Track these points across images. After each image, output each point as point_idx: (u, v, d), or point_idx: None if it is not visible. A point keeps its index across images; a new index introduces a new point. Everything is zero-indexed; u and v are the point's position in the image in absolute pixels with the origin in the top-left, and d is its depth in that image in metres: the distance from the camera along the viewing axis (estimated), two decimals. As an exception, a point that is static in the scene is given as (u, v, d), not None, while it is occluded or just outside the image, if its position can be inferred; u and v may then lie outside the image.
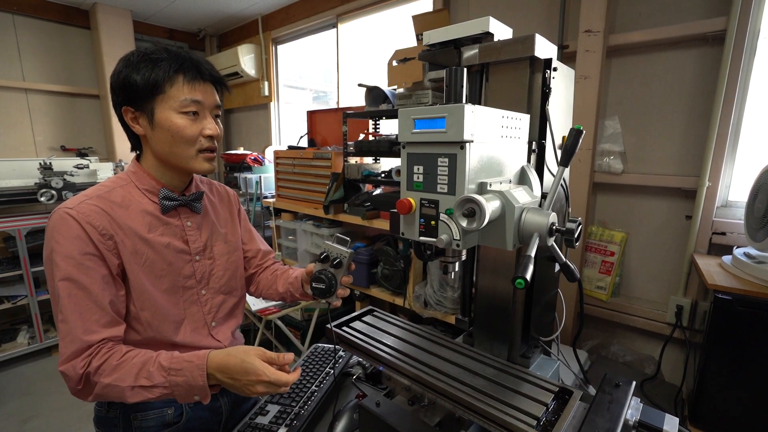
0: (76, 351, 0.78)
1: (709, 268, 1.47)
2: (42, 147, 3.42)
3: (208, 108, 0.92)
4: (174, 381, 0.78)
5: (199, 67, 0.89)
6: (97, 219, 0.84)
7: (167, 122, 0.87)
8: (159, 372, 0.79)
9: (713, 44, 1.60)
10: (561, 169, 0.76)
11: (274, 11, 3.48)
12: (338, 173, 2.32)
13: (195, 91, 0.88)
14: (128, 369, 0.79)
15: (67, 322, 0.79)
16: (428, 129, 0.69)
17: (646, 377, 1.76)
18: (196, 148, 0.91)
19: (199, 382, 0.78)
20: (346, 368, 1.21)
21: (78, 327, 0.79)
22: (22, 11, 3.17)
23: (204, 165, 0.94)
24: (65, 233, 0.81)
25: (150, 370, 0.79)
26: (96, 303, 0.81)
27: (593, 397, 0.80)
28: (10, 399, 2.54)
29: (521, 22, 2.07)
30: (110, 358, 0.80)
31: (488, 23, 0.90)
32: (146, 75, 0.85)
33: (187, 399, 0.81)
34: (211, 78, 0.93)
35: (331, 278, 0.89)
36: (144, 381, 0.78)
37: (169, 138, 0.88)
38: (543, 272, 1.01)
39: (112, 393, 0.79)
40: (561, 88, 0.95)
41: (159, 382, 0.78)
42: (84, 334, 0.79)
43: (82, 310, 0.80)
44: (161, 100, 0.87)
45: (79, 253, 0.81)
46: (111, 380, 0.78)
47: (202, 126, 0.91)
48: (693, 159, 1.69)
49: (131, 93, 0.87)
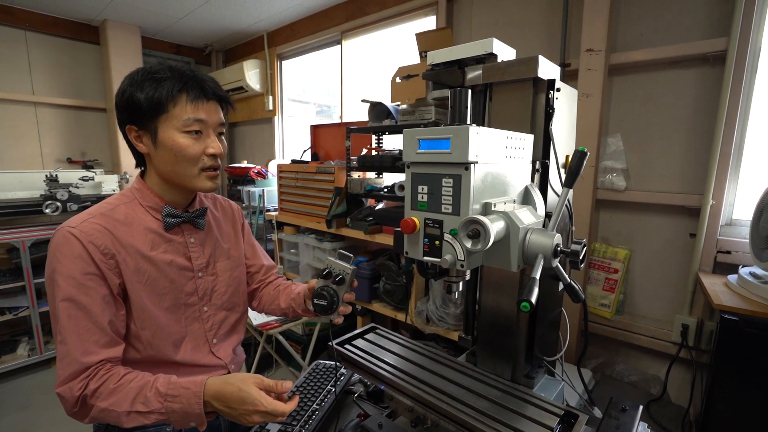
0: (73, 373, 0.78)
1: (714, 287, 1.46)
2: (48, 159, 3.45)
3: (211, 126, 0.91)
4: (170, 407, 0.77)
5: (202, 85, 0.89)
6: (100, 238, 0.84)
7: (170, 141, 0.87)
8: (156, 398, 0.78)
9: (714, 64, 1.61)
10: (565, 191, 0.76)
11: (279, 28, 3.54)
12: (341, 187, 2.33)
13: (198, 110, 0.88)
14: (125, 393, 0.78)
15: (65, 343, 0.79)
16: (433, 150, 0.70)
17: (652, 398, 1.73)
18: (199, 167, 0.91)
19: (196, 410, 0.77)
20: (348, 386, 1.19)
21: (76, 348, 0.79)
22: (34, 27, 3.24)
23: (207, 183, 0.93)
24: (67, 253, 0.81)
25: (147, 396, 0.78)
26: (95, 323, 0.81)
27: (600, 421, 0.78)
28: (8, 412, 2.51)
29: (523, 41, 2.11)
30: (107, 381, 0.79)
31: (492, 44, 0.92)
32: (150, 94, 0.85)
33: (183, 425, 0.80)
34: (215, 96, 0.92)
35: (333, 295, 0.89)
36: (140, 406, 0.77)
37: (172, 157, 0.88)
38: (547, 291, 1.00)
39: (108, 417, 0.79)
40: (564, 108, 0.96)
41: (155, 408, 0.77)
42: (82, 355, 0.79)
43: (81, 331, 0.80)
44: (164, 119, 0.87)
45: (81, 273, 0.81)
46: (107, 404, 0.77)
47: (205, 145, 0.90)
48: (696, 177, 1.69)
49: (135, 112, 0.87)
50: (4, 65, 3.16)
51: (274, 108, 3.73)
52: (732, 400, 1.29)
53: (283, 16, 3.28)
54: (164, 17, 3.32)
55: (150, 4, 3.04)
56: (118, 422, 0.78)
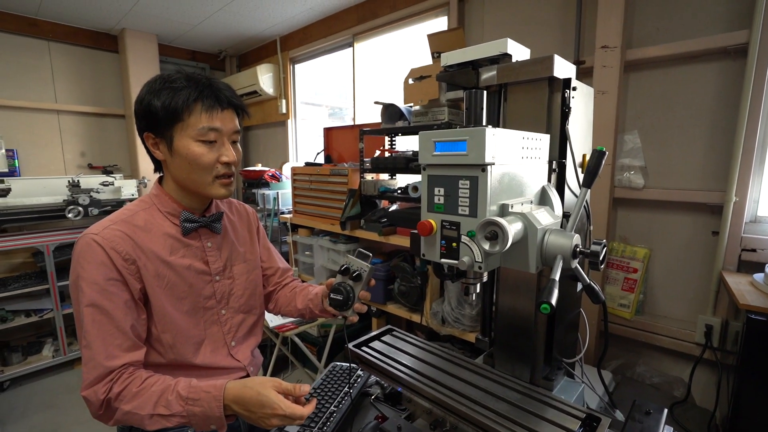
0: (98, 377, 0.80)
1: (739, 286, 1.42)
2: (71, 165, 3.56)
3: (226, 134, 0.92)
4: (191, 411, 0.79)
5: (218, 95, 0.90)
6: (121, 244, 0.86)
7: (185, 150, 0.89)
8: (177, 401, 0.80)
9: (735, 57, 1.57)
10: (584, 191, 0.75)
11: (292, 32, 3.58)
12: (355, 189, 2.34)
13: (213, 119, 0.89)
14: (147, 397, 0.80)
15: (90, 347, 0.82)
16: (449, 152, 0.70)
17: (675, 401, 1.69)
18: (213, 175, 0.92)
19: (216, 413, 0.79)
20: (365, 388, 1.20)
21: (100, 353, 0.81)
22: (57, 38, 3.34)
23: (220, 191, 0.95)
24: (90, 259, 0.84)
25: (168, 399, 0.80)
26: (118, 328, 0.84)
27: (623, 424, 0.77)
28: (35, 412, 2.60)
29: (536, 38, 2.08)
30: (130, 385, 0.81)
31: (506, 45, 0.91)
32: (166, 103, 0.87)
33: (204, 428, 0.82)
34: (231, 105, 0.93)
35: (350, 291, 0.90)
36: (162, 410, 0.79)
37: (187, 165, 0.90)
38: (565, 291, 0.99)
39: (131, 420, 0.81)
40: (580, 106, 0.95)
41: (177, 411, 0.79)
42: (106, 359, 0.81)
43: (105, 335, 0.82)
44: (180, 128, 0.88)
45: (104, 278, 0.83)
46: (131, 408, 0.80)
47: (219, 153, 0.91)
48: (718, 173, 1.65)
49: (152, 120, 0.89)
50: (29, 75, 3.28)
51: (287, 111, 3.77)
52: (761, 402, 1.26)
53: (295, 20, 3.31)
54: (180, 24, 3.39)
55: (166, 12, 3.11)
56: (141, 425, 0.80)
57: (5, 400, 2.72)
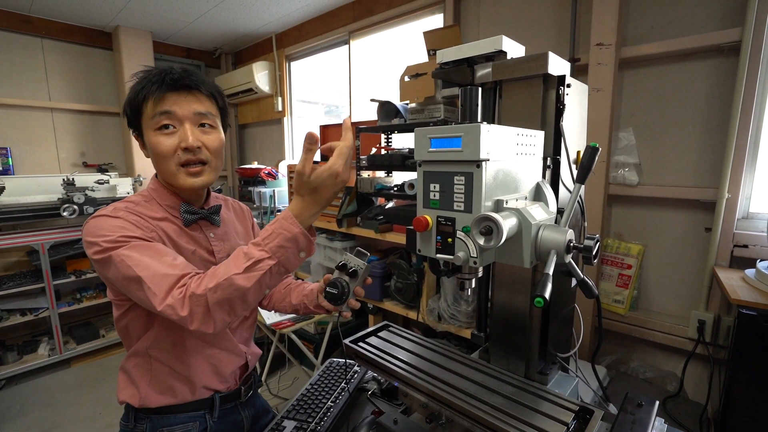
0: (170, 284, 0.74)
1: (731, 282, 1.44)
2: (65, 163, 3.54)
3: (186, 118, 0.87)
4: (272, 246, 0.74)
5: (163, 77, 0.85)
6: (133, 217, 0.86)
7: (149, 142, 0.88)
8: (254, 249, 0.74)
9: (728, 55, 1.59)
10: (578, 187, 0.76)
11: (287, 29, 3.57)
12: (351, 187, 2.34)
13: (162, 102, 0.85)
14: (224, 266, 0.74)
15: (150, 269, 0.75)
16: (444, 148, 0.70)
17: (668, 395, 1.71)
18: (175, 163, 0.88)
19: (295, 229, 0.75)
20: (361, 384, 1.21)
21: (162, 267, 0.76)
22: (50, 35, 3.32)
23: (186, 180, 0.89)
24: (109, 227, 0.80)
25: (245, 252, 0.74)
26: (169, 253, 0.81)
27: (615, 416, 0.78)
28: (31, 410, 2.59)
29: (531, 36, 2.09)
30: (205, 275, 0.76)
31: (501, 42, 0.92)
32: (131, 98, 0.88)
33: (296, 261, 0.77)
34: (184, 86, 0.86)
35: (345, 286, 0.91)
36: (247, 263, 0.72)
37: (154, 157, 0.89)
38: (559, 287, 1.00)
39: (226, 293, 0.72)
40: (575, 103, 0.95)
41: (260, 255, 0.73)
42: (171, 269, 0.76)
43: (161, 256, 0.78)
44: (144, 121, 0.88)
45: (130, 235, 0.80)
46: (216, 280, 0.72)
47: (179, 139, 0.87)
48: (711, 170, 1.67)
49: (129, 119, 0.91)
50: (22, 73, 3.25)
51: (283, 109, 3.76)
52: (752, 396, 1.28)
53: (291, 17, 3.30)
54: (175, 21, 3.37)
55: (161, 9, 3.09)
56: (238, 290, 0.72)
57: (1, 399, 2.71)
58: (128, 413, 0.97)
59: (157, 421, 0.95)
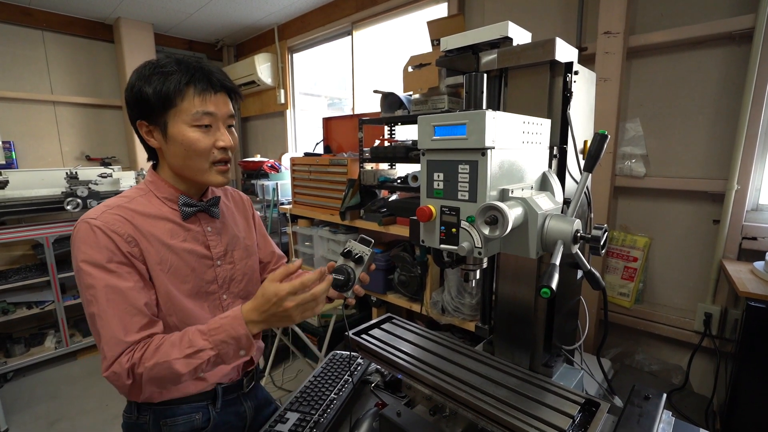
0: (120, 352, 0.78)
1: (739, 274, 1.42)
2: (68, 157, 3.54)
3: (221, 119, 0.91)
4: (216, 340, 0.78)
5: (209, 77, 0.88)
6: (121, 227, 0.85)
7: (180, 136, 0.87)
8: (199, 337, 0.79)
9: (740, 42, 1.55)
10: (585, 175, 0.74)
11: (290, 20, 3.53)
12: (354, 179, 2.33)
13: (207, 102, 0.87)
14: (168, 345, 0.79)
15: (107, 327, 0.79)
16: (448, 136, 0.69)
17: (673, 388, 1.70)
18: (210, 161, 0.91)
19: (241, 331, 0.78)
20: (365, 376, 1.20)
21: (119, 330, 0.79)
22: (51, 27, 3.30)
23: (218, 178, 0.94)
24: (92, 243, 0.82)
25: (190, 338, 0.79)
26: (133, 305, 0.82)
27: (622, 409, 0.77)
28: (38, 402, 2.62)
29: (538, 25, 2.05)
30: (150, 346, 0.80)
31: (507, 28, 0.89)
32: (158, 88, 0.85)
33: (234, 357, 0.81)
34: (223, 88, 0.91)
35: (351, 272, 0.90)
36: (188, 349, 0.78)
37: (183, 151, 0.89)
38: (565, 279, 0.99)
39: (161, 372, 0.77)
40: (582, 91, 0.93)
41: (202, 345, 0.78)
42: (126, 335, 0.79)
43: (122, 313, 0.81)
44: (174, 113, 0.87)
45: (108, 261, 0.82)
46: (155, 360, 0.77)
47: (215, 138, 0.90)
48: (720, 161, 1.64)
49: (144, 107, 0.87)
50: (24, 66, 3.24)
51: (286, 101, 3.74)
52: (758, 389, 1.26)
53: (293, 8, 3.26)
54: (176, 13, 3.34)
55: (162, 0, 3.06)
56: (173, 372, 0.77)
57: (9, 391, 2.74)
58: (131, 405, 0.97)
59: (160, 413, 0.95)
